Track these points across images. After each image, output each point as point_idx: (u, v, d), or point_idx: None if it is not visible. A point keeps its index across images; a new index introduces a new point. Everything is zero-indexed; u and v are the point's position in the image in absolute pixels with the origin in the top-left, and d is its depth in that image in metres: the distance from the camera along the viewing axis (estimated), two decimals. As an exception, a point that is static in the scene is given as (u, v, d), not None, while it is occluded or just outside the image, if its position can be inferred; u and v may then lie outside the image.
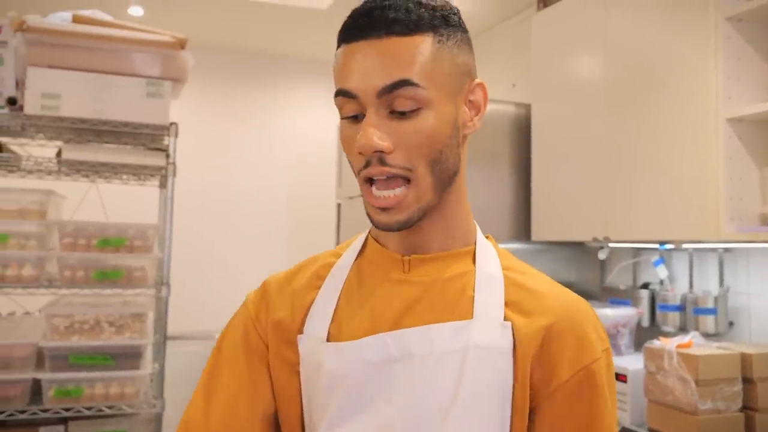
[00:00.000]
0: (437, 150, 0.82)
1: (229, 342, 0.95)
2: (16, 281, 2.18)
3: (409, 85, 0.79)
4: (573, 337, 0.84)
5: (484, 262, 0.89)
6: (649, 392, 2.18)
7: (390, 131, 0.80)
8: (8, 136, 2.45)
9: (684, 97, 2.24)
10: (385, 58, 0.80)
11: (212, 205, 4.79)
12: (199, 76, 4.67)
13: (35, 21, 2.12)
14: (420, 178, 0.82)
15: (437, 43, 0.82)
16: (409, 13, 0.81)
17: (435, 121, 0.81)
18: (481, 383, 0.80)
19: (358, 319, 0.87)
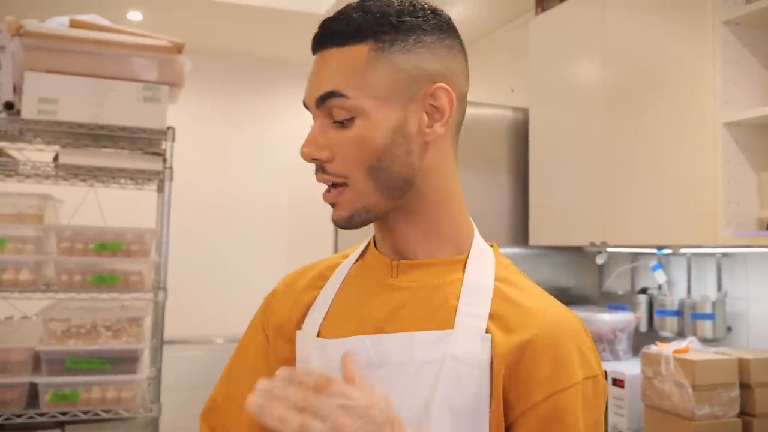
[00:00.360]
0: (373, 157, 0.82)
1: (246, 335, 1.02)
2: (13, 285, 2.18)
3: (335, 96, 0.82)
4: (550, 357, 0.80)
5: (476, 271, 0.87)
6: (647, 397, 2.17)
7: (330, 140, 0.83)
8: (6, 140, 2.45)
9: (681, 102, 2.24)
10: (322, 70, 0.84)
11: (212, 210, 4.79)
12: (198, 81, 4.68)
13: (33, 26, 2.13)
14: (357, 184, 0.84)
15: (375, 51, 0.82)
16: (350, 24, 0.83)
17: (369, 131, 0.82)
18: (457, 396, 0.79)
19: (346, 319, 0.89)
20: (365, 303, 0.89)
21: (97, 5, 3.40)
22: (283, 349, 0.94)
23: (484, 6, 3.67)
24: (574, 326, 0.84)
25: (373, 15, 0.83)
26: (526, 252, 3.01)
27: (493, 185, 2.98)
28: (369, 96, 0.82)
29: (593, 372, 0.82)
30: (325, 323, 0.90)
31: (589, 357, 0.83)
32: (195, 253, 4.54)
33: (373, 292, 0.90)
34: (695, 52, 2.19)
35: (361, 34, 0.82)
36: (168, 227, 2.32)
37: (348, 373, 0.73)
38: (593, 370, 0.82)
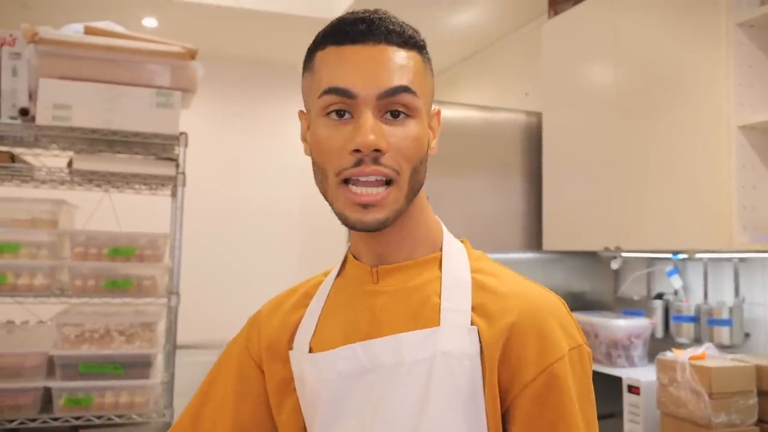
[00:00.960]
0: (419, 158, 0.86)
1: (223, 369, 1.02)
2: (27, 290, 2.20)
3: (408, 92, 0.83)
4: (535, 336, 0.82)
5: (451, 267, 0.90)
6: (662, 405, 2.15)
7: (384, 133, 0.83)
8: (22, 146, 2.47)
9: (695, 105, 2.22)
10: (388, 63, 0.83)
11: (225, 215, 4.81)
12: (212, 87, 4.71)
13: (47, 33, 2.14)
14: (402, 181, 0.85)
15: (423, 63, 0.88)
16: (403, 29, 0.86)
17: (420, 131, 0.85)
18: (450, 390, 0.81)
19: (334, 331, 0.91)
20: (350, 312, 0.91)
21: (113, 12, 3.44)
22: (279, 370, 0.95)
23: (497, 10, 3.66)
24: (553, 302, 0.86)
25: (415, 31, 0.88)
26: (539, 257, 2.99)
27: (506, 189, 2.96)
28: (423, 98, 0.86)
29: (577, 342, 0.84)
30: (314, 339, 0.92)
31: (571, 329, 0.85)
32: (209, 258, 4.56)
33: (357, 300, 0.92)
34: (709, 55, 2.17)
35: (415, 43, 0.87)
36: (181, 232, 2.32)
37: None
38: (576, 340, 0.84)
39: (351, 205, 0.83)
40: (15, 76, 2.28)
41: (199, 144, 4.29)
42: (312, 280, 1.02)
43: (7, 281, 2.18)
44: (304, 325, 0.95)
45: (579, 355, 0.83)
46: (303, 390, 0.91)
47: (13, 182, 2.48)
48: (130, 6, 3.76)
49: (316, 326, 0.93)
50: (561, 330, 0.83)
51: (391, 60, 0.83)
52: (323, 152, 0.85)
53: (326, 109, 0.84)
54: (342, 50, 0.84)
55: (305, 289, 1.00)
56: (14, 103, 2.26)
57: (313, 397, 0.88)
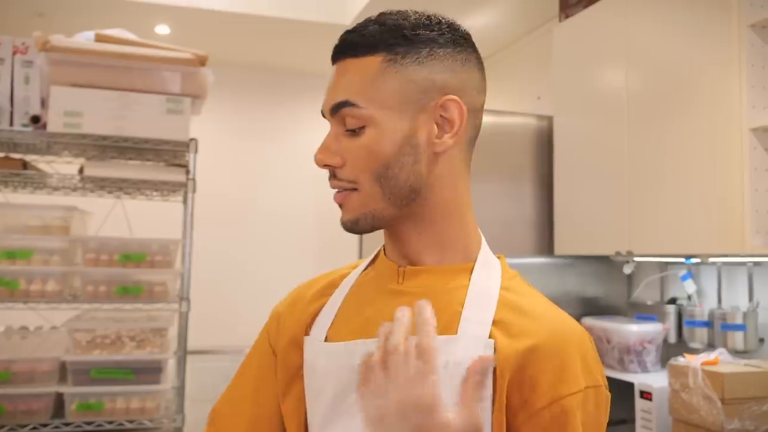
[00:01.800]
0: (381, 165, 0.85)
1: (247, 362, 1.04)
2: (40, 296, 2.21)
3: (347, 105, 0.85)
4: (554, 364, 0.80)
5: (482, 278, 0.88)
6: (675, 411, 2.12)
7: (342, 146, 0.86)
8: (35, 153, 2.50)
9: (707, 107, 2.20)
10: (337, 80, 0.87)
11: (238, 221, 4.83)
12: (226, 93, 4.74)
13: (58, 41, 2.16)
14: (365, 189, 0.86)
15: (387, 62, 0.85)
16: (365, 36, 0.86)
17: (378, 139, 0.85)
18: (458, 400, 0.78)
19: (352, 324, 0.90)
20: (370, 308, 0.91)
21: (126, 20, 3.47)
22: (293, 358, 0.95)
23: (508, 15, 3.65)
24: (579, 335, 0.84)
25: (387, 27, 0.86)
26: (552, 262, 2.97)
27: (518, 194, 2.95)
28: (379, 106, 0.84)
29: (596, 382, 0.82)
30: (332, 329, 0.92)
31: (593, 367, 0.82)
32: (221, 264, 4.58)
33: (379, 297, 0.91)
34: (720, 57, 2.14)
35: (375, 45, 0.85)
36: (191, 238, 2.33)
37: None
38: (596, 380, 0.82)
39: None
40: (27, 84, 2.31)
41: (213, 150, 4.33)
42: (339, 271, 1.02)
43: (20, 287, 2.20)
44: (323, 314, 0.95)
45: (596, 396, 0.81)
46: (311, 378, 0.90)
47: (27, 189, 2.51)
48: (143, 14, 3.80)
49: (335, 317, 0.93)
50: (582, 365, 0.81)
51: (341, 75, 0.87)
52: None
53: None
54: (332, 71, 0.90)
55: (330, 279, 1.01)
56: (27, 110, 2.28)
57: (322, 385, 0.88)
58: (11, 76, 2.30)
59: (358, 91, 0.85)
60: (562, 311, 0.88)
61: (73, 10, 3.68)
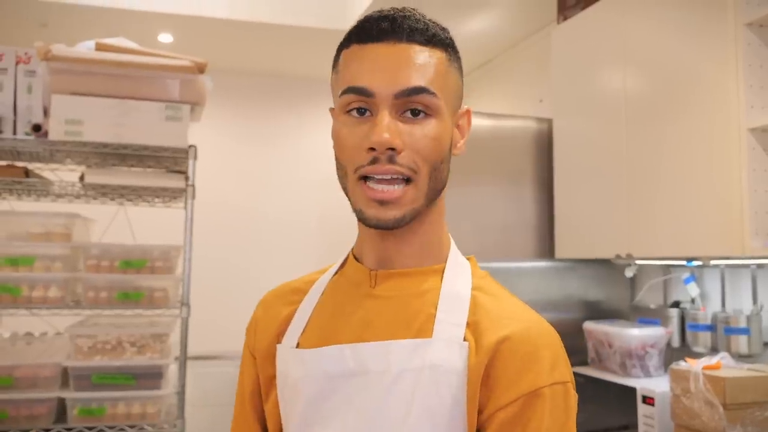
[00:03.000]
0: (439, 158, 0.85)
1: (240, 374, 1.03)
2: (42, 302, 2.24)
3: (426, 92, 0.83)
4: (520, 360, 0.80)
5: (453, 280, 0.88)
6: (676, 416, 2.10)
7: (400, 132, 0.82)
8: (39, 161, 2.53)
9: (705, 108, 2.18)
10: (408, 62, 0.83)
11: (241, 227, 4.85)
12: (228, 100, 4.77)
13: (59, 50, 2.18)
14: (421, 181, 0.84)
15: (448, 61, 0.87)
16: (427, 26, 0.86)
17: (440, 131, 0.84)
18: (434, 403, 0.79)
19: (324, 330, 0.90)
20: (343, 313, 0.90)
21: (129, 29, 3.50)
22: (269, 367, 0.95)
23: (508, 18, 3.65)
24: (548, 333, 0.84)
25: (441, 28, 0.88)
26: (553, 265, 2.96)
27: (518, 197, 2.94)
28: (445, 98, 0.85)
29: (563, 378, 0.81)
30: (303, 336, 0.91)
31: (560, 364, 0.82)
32: (224, 270, 4.60)
33: (352, 301, 0.90)
34: (718, 56, 2.13)
35: (439, 41, 0.86)
36: (191, 244, 2.34)
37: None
38: (564, 376, 0.81)
39: (368, 201, 0.83)
40: (30, 93, 2.33)
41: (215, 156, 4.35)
42: (305, 277, 1.01)
43: (23, 293, 2.22)
44: (295, 321, 0.94)
45: (563, 392, 0.80)
46: (284, 385, 0.90)
47: (31, 196, 2.53)
48: (146, 23, 3.83)
49: (307, 323, 0.92)
50: (549, 362, 0.80)
51: (411, 59, 0.83)
52: (343, 149, 0.86)
53: (347, 107, 0.85)
54: (364, 48, 0.85)
55: (297, 286, 1.00)
56: (29, 119, 2.31)
57: (295, 393, 0.87)
58: (14, 86, 2.33)
59: (434, 80, 0.84)
60: (532, 311, 0.88)
61: (76, 20, 3.71)
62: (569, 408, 0.81)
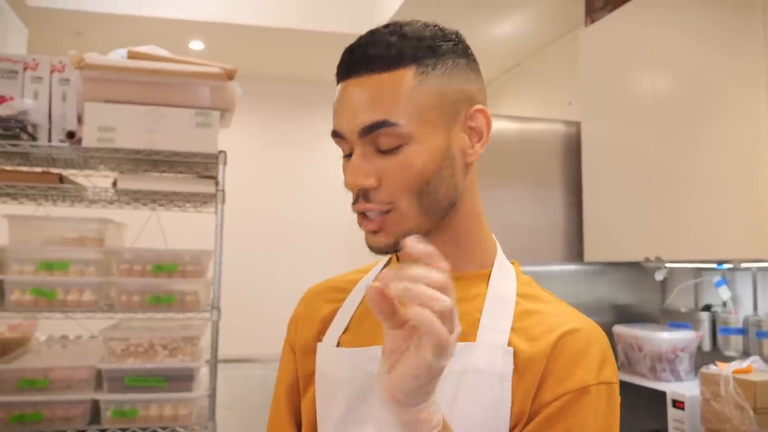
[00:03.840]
0: (422, 182, 0.82)
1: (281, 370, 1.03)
2: (76, 306, 2.28)
3: (386, 125, 0.80)
4: (569, 357, 0.80)
5: (498, 285, 0.88)
6: (706, 420, 2.08)
7: (375, 167, 0.82)
8: (72, 168, 2.58)
9: (735, 111, 2.16)
10: (364, 97, 0.81)
11: (272, 232, 4.89)
12: (258, 106, 4.82)
13: (92, 58, 2.23)
14: (403, 208, 0.82)
15: (420, 75, 0.81)
16: (389, 48, 0.81)
17: (419, 156, 0.81)
18: (476, 407, 0.79)
19: (366, 331, 0.90)
20: None
21: (161, 37, 3.56)
22: (308, 363, 0.95)
23: (537, 21, 3.64)
24: (598, 333, 0.85)
25: (411, 39, 0.82)
26: (582, 269, 2.94)
27: (547, 200, 2.93)
28: (418, 122, 0.81)
29: (609, 379, 0.81)
30: (345, 335, 0.92)
31: (608, 364, 0.82)
32: (254, 274, 4.64)
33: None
34: (747, 59, 2.11)
35: (403, 59, 0.81)
36: (221, 248, 2.37)
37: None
38: (610, 377, 0.82)
39: (366, 231, 0.85)
40: (64, 101, 2.39)
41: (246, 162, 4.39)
42: (348, 276, 1.02)
43: (58, 297, 2.27)
44: (337, 319, 0.94)
45: (608, 392, 0.81)
46: (323, 383, 0.90)
47: (66, 202, 2.59)
48: (178, 30, 3.89)
49: (350, 323, 0.93)
50: (598, 362, 0.81)
51: (368, 93, 0.81)
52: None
53: (340, 150, 0.87)
54: (341, 88, 0.85)
55: (340, 284, 1.00)
56: (64, 126, 2.36)
57: (334, 391, 0.87)
58: (49, 94, 2.38)
59: (394, 109, 0.80)
60: (580, 313, 0.88)
61: (110, 28, 3.79)
62: (612, 408, 0.81)
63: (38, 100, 2.35)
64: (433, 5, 3.36)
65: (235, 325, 2.93)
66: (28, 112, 2.26)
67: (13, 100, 2.31)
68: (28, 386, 2.18)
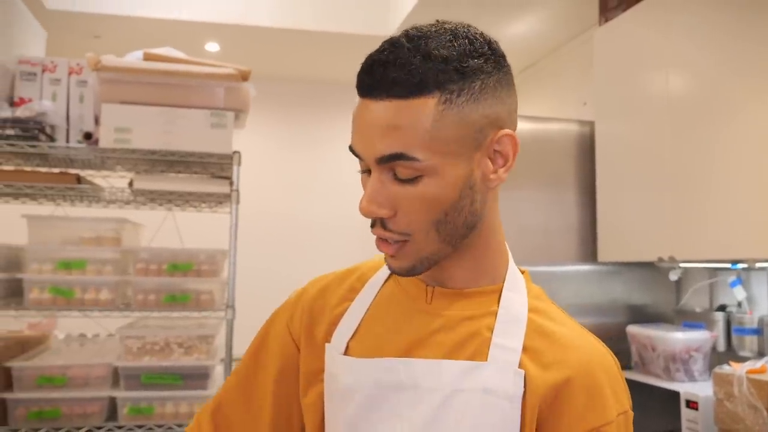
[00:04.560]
0: (440, 213, 0.79)
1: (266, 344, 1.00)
2: (93, 304, 2.30)
3: (405, 159, 0.76)
4: (585, 395, 0.79)
5: (510, 301, 0.86)
6: (720, 420, 2.07)
7: (392, 195, 0.79)
8: (91, 168, 2.61)
9: (750, 111, 2.15)
10: (382, 124, 0.77)
11: (286, 231, 4.91)
12: (272, 107, 4.85)
13: (109, 60, 2.26)
14: (420, 238, 0.80)
15: (443, 104, 0.76)
16: (412, 73, 0.75)
17: (438, 188, 0.78)
18: (485, 428, 0.78)
19: (375, 339, 0.89)
20: (397, 325, 0.88)
21: (177, 39, 3.60)
22: (313, 360, 0.94)
23: (551, 21, 3.64)
24: (607, 361, 0.84)
25: (436, 63, 0.76)
26: (596, 269, 2.93)
27: (560, 201, 2.92)
28: (437, 153, 0.77)
29: (624, 408, 0.81)
30: (353, 340, 0.90)
31: (620, 392, 0.82)
32: (269, 273, 4.66)
33: (406, 315, 0.89)
34: (762, 58, 2.10)
35: (426, 86, 0.76)
36: (236, 248, 2.39)
37: None
38: (624, 405, 0.81)
39: (385, 253, 0.84)
40: (82, 103, 2.42)
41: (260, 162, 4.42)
42: (358, 271, 1.00)
43: (76, 296, 2.30)
44: (345, 321, 0.92)
45: (625, 422, 0.81)
46: (333, 386, 0.89)
47: (83, 202, 2.63)
48: (194, 32, 3.92)
49: (358, 327, 0.91)
50: (611, 393, 0.80)
51: (387, 121, 0.76)
52: None
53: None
54: (360, 103, 0.81)
55: (351, 282, 0.98)
56: (81, 127, 2.40)
57: (344, 397, 0.86)
58: (67, 96, 2.42)
59: (412, 142, 0.76)
60: (588, 334, 0.87)
61: (126, 31, 3.83)
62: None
63: (56, 102, 2.39)
64: (447, 5, 3.36)
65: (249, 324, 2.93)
66: (46, 113, 2.30)
67: (31, 101, 2.35)
68: (47, 383, 2.21)
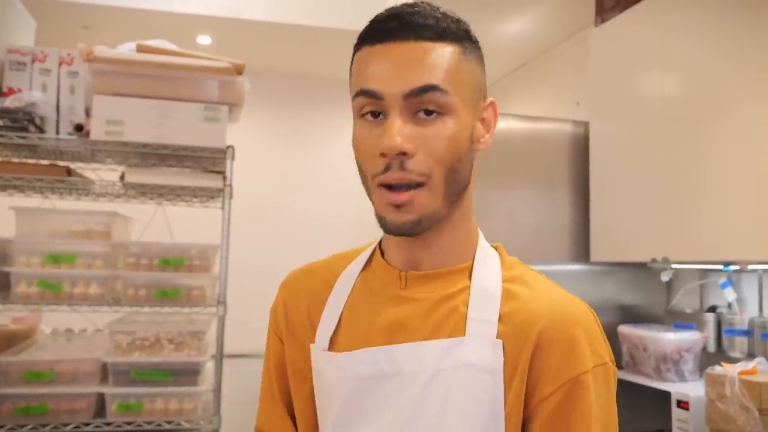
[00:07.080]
0: (456, 157, 0.82)
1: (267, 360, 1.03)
2: (83, 299, 2.27)
3: (437, 90, 0.80)
4: (560, 348, 0.80)
5: (482, 277, 0.88)
6: (711, 421, 2.08)
7: (412, 135, 0.80)
8: (81, 161, 2.58)
9: (745, 112, 2.15)
10: (415, 61, 0.80)
11: (278, 227, 4.88)
12: (265, 101, 4.82)
13: (101, 51, 2.23)
14: (434, 185, 0.81)
15: (462, 54, 0.83)
16: (438, 22, 0.82)
17: (456, 129, 0.81)
18: (470, 402, 0.79)
19: (356, 331, 0.90)
20: (375, 314, 0.89)
21: (169, 32, 3.56)
22: (297, 358, 0.95)
23: (544, 20, 3.64)
24: (583, 313, 0.84)
25: (454, 20, 0.85)
26: (588, 269, 2.94)
27: (554, 200, 2.93)
28: (458, 94, 0.82)
29: (602, 359, 0.82)
30: (336, 336, 0.91)
31: (598, 344, 0.82)
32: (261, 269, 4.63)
33: (383, 303, 0.90)
34: (758, 60, 2.10)
35: (450, 35, 0.83)
36: (228, 243, 2.37)
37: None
38: (602, 357, 0.82)
39: (386, 205, 0.82)
40: (73, 94, 2.39)
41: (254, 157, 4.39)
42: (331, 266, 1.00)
43: (64, 290, 2.27)
44: (325, 317, 0.93)
45: (604, 374, 0.81)
46: (320, 383, 0.90)
47: (73, 195, 2.59)
48: (186, 25, 3.88)
49: (339, 322, 0.92)
50: (587, 344, 0.81)
51: (419, 57, 0.80)
52: (360, 155, 0.85)
53: (360, 111, 0.84)
54: (373, 50, 0.83)
55: (326, 277, 0.98)
56: (72, 119, 2.36)
57: (330, 393, 0.88)
58: (57, 86, 2.38)
59: (444, 77, 0.80)
60: (563, 291, 0.88)
61: (118, 22, 3.79)
62: (610, 388, 0.82)
63: (46, 93, 2.35)
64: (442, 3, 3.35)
65: (241, 320, 2.93)
66: (36, 104, 2.26)
67: (21, 92, 2.31)
68: (34, 379, 2.18)
